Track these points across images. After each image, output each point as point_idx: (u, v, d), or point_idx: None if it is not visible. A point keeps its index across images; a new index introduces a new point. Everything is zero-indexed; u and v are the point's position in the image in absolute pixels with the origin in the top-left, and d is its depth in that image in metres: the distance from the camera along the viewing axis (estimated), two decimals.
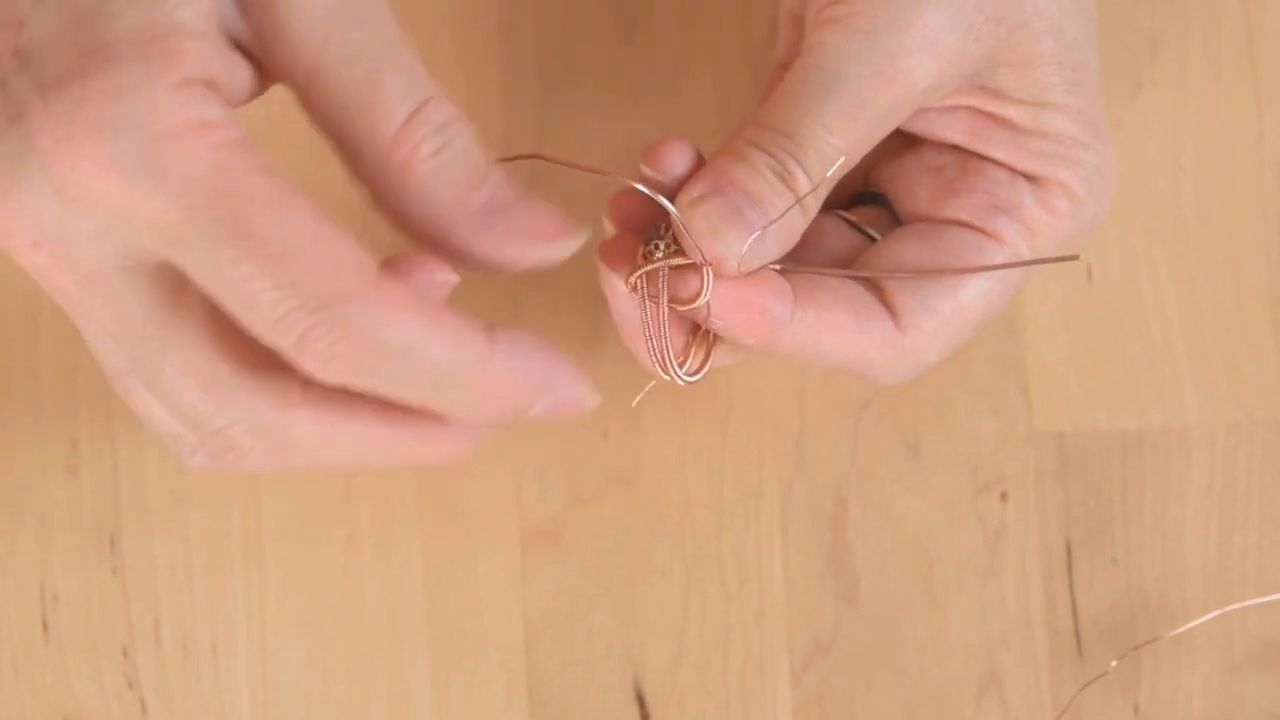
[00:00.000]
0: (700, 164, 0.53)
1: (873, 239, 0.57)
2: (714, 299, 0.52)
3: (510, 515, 0.62)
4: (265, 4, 0.48)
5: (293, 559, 0.62)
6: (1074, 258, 0.54)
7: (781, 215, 0.52)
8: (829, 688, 0.62)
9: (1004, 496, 0.62)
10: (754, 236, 0.51)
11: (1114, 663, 0.61)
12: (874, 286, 0.55)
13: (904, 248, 0.55)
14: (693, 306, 0.52)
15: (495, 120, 0.63)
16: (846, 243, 0.57)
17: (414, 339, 0.46)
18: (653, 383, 0.54)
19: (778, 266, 0.53)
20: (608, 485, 0.62)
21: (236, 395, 0.49)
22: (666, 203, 0.52)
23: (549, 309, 0.63)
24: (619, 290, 0.53)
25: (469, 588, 0.62)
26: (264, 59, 0.48)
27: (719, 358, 0.55)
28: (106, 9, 0.45)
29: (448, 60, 0.64)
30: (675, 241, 0.52)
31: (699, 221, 0.51)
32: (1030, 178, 0.55)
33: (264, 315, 0.46)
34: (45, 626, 0.62)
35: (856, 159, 0.53)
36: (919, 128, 0.56)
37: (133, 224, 0.45)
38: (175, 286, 0.47)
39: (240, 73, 0.48)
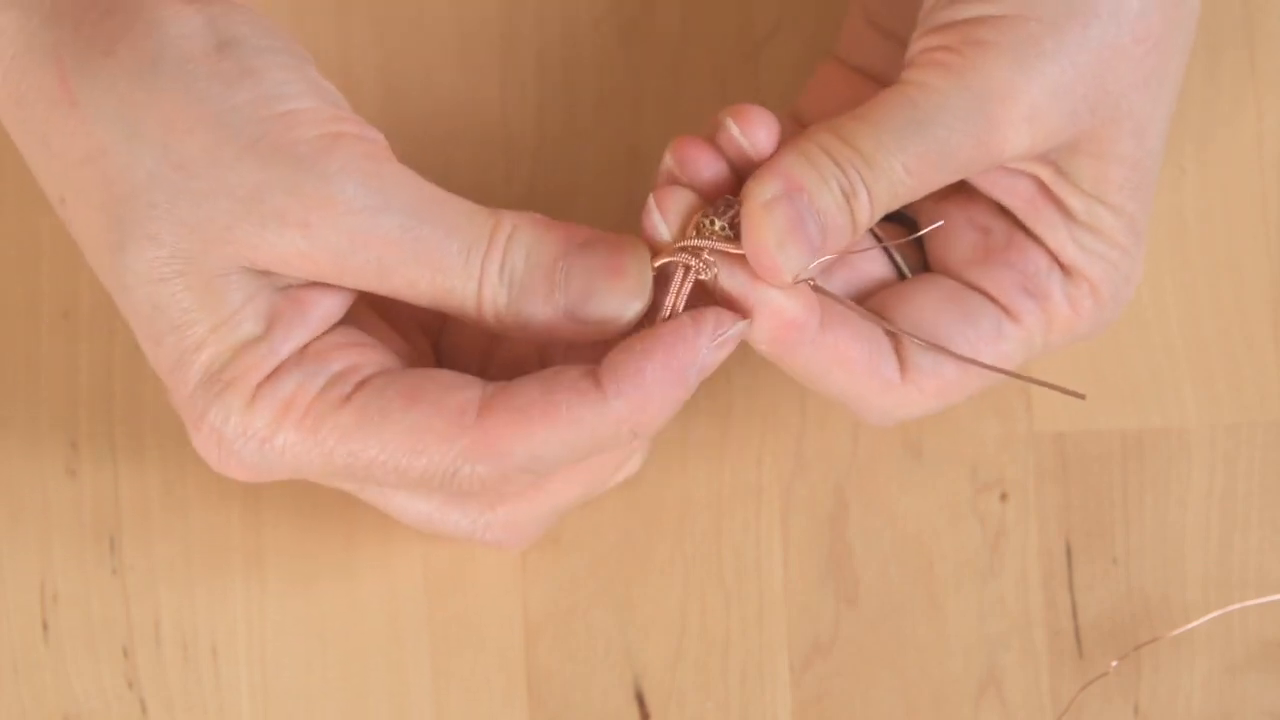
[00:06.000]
0: (778, 139, 0.52)
1: (901, 272, 0.57)
2: (749, 301, 0.51)
3: None
4: (308, 269, 0.51)
5: (293, 559, 0.62)
6: (1081, 396, 0.55)
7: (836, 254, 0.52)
8: (829, 688, 0.62)
9: (1004, 497, 0.62)
10: (818, 262, 0.51)
11: (1114, 663, 0.61)
12: (890, 332, 0.55)
13: (928, 302, 0.55)
14: (718, 283, 0.51)
15: (495, 120, 0.63)
16: (873, 262, 0.57)
17: (536, 448, 0.51)
18: None
19: (812, 282, 0.52)
20: None
21: None
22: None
23: None
24: (661, 236, 0.52)
25: (469, 587, 0.62)
26: None
27: None
28: (183, 347, 0.51)
29: (448, 60, 0.64)
30: (731, 227, 0.51)
31: (768, 227, 0.50)
32: (1066, 269, 0.55)
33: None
34: (45, 626, 0.62)
35: (920, 197, 0.53)
36: (978, 180, 0.55)
37: None
38: None
39: (318, 296, 0.52)
